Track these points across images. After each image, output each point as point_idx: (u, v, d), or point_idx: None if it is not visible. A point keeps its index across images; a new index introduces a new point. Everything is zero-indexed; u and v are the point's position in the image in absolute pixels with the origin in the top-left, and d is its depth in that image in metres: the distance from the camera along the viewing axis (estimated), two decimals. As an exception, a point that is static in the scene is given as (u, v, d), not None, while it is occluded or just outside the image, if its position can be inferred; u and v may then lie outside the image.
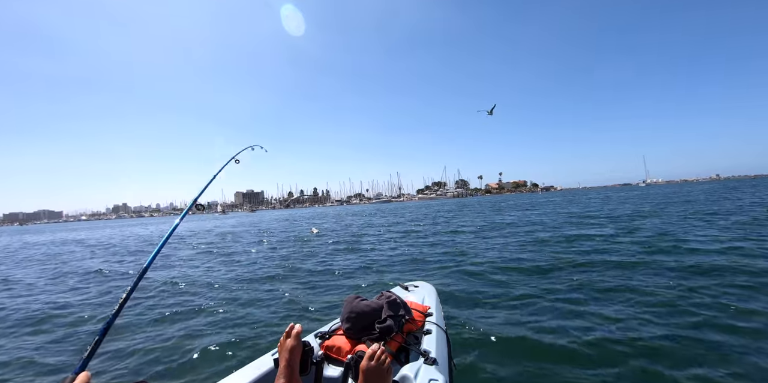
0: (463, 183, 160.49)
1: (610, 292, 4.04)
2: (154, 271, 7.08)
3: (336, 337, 1.72)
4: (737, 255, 5.37)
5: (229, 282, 5.79)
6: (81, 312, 4.53)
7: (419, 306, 2.09)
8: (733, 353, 2.57)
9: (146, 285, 5.78)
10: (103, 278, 6.89)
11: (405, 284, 2.63)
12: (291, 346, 1.42)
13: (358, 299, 1.84)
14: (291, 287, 5.20)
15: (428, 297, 2.38)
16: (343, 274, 5.91)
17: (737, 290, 3.84)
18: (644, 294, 3.86)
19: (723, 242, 6.46)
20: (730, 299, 3.57)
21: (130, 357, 3.13)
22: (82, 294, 5.64)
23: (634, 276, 4.63)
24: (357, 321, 1.71)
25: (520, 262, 5.94)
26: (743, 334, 2.82)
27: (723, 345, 2.69)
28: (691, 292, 3.82)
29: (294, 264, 7.13)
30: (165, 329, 3.77)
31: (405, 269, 6.11)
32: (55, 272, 7.97)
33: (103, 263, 9.18)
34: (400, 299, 1.91)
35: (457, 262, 6.34)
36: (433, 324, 1.93)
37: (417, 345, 1.72)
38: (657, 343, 2.75)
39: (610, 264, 5.36)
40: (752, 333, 2.84)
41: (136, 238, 18.54)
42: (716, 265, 4.82)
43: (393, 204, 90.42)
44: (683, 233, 7.92)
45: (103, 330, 1.22)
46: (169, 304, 4.69)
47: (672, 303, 3.53)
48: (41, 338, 3.72)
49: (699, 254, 5.61)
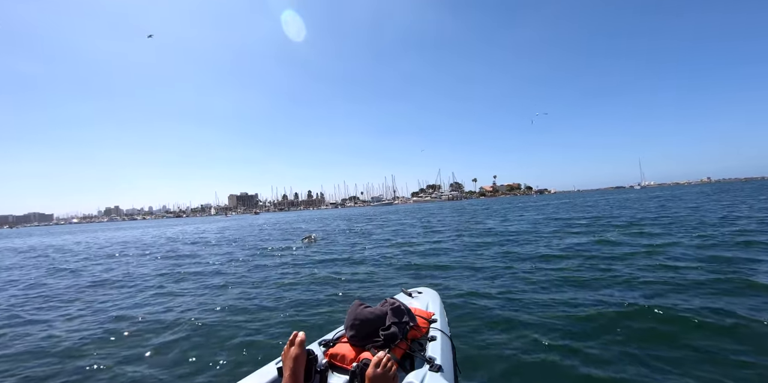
0: (457, 186, 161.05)
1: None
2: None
3: (340, 345, 1.69)
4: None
5: (238, 288, 5.72)
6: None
7: (423, 313, 2.07)
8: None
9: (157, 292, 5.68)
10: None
11: (409, 291, 2.61)
12: (295, 354, 1.40)
13: (362, 306, 1.81)
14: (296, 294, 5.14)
15: (432, 303, 2.36)
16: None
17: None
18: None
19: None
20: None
21: (134, 364, 3.07)
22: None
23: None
24: (361, 328, 1.69)
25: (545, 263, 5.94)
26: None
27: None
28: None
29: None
30: (167, 336, 3.70)
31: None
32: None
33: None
34: (404, 305, 1.88)
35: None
36: (437, 331, 1.92)
37: (422, 351, 1.70)
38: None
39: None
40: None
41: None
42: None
43: (394, 207, 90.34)
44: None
45: None
46: (166, 311, 4.61)
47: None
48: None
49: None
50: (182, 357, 3.14)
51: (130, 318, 4.30)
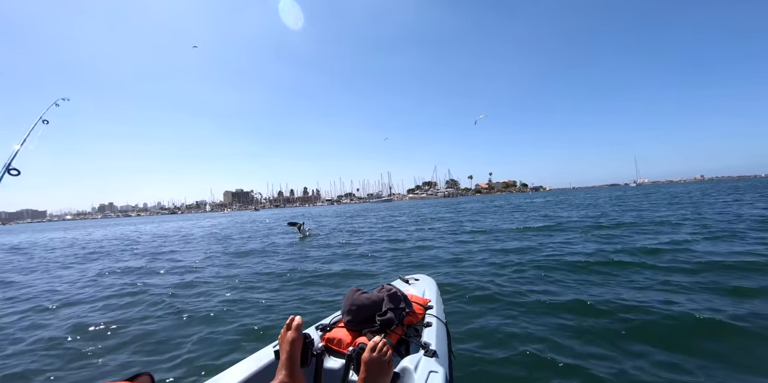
0: (453, 183, 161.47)
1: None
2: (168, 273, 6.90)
3: (337, 329, 1.71)
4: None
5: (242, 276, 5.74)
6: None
7: (420, 299, 2.09)
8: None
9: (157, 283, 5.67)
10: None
11: (406, 278, 2.63)
12: (292, 338, 1.40)
13: (359, 291, 1.83)
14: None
15: (428, 290, 2.38)
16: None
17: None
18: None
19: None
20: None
21: (132, 350, 3.11)
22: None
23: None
24: (358, 313, 1.70)
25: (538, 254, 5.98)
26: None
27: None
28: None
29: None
30: (167, 322, 3.77)
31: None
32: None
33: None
34: (401, 292, 1.90)
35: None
36: (433, 317, 1.93)
37: (417, 337, 1.72)
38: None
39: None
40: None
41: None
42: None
43: (394, 203, 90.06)
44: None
45: None
46: (170, 300, 4.61)
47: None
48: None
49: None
50: (177, 341, 3.21)
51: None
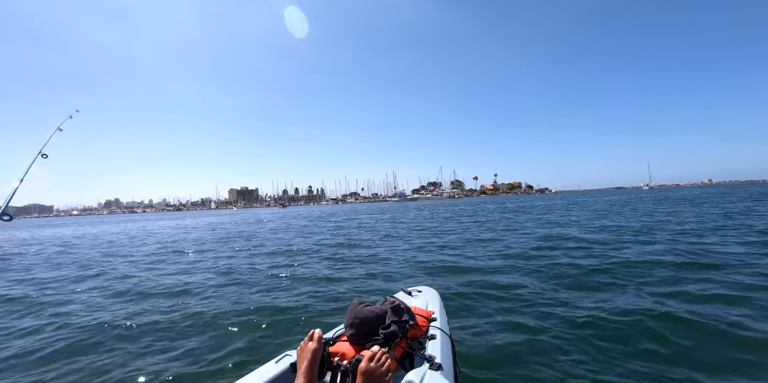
0: (458, 184, 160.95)
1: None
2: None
3: (340, 343, 1.69)
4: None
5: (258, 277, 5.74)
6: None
7: (423, 311, 2.06)
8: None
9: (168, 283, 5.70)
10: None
11: (408, 290, 2.61)
12: (314, 348, 1.43)
13: (362, 305, 1.81)
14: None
15: (432, 301, 2.36)
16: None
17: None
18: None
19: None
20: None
21: (144, 357, 3.07)
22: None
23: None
24: (361, 327, 1.68)
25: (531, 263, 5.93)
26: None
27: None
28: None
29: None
30: (171, 326, 3.73)
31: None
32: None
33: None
34: (404, 304, 1.88)
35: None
36: (437, 329, 1.91)
37: (421, 350, 1.70)
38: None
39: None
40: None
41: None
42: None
43: (417, 202, 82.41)
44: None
45: None
46: (173, 304, 4.63)
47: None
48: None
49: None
50: (187, 347, 3.15)
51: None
